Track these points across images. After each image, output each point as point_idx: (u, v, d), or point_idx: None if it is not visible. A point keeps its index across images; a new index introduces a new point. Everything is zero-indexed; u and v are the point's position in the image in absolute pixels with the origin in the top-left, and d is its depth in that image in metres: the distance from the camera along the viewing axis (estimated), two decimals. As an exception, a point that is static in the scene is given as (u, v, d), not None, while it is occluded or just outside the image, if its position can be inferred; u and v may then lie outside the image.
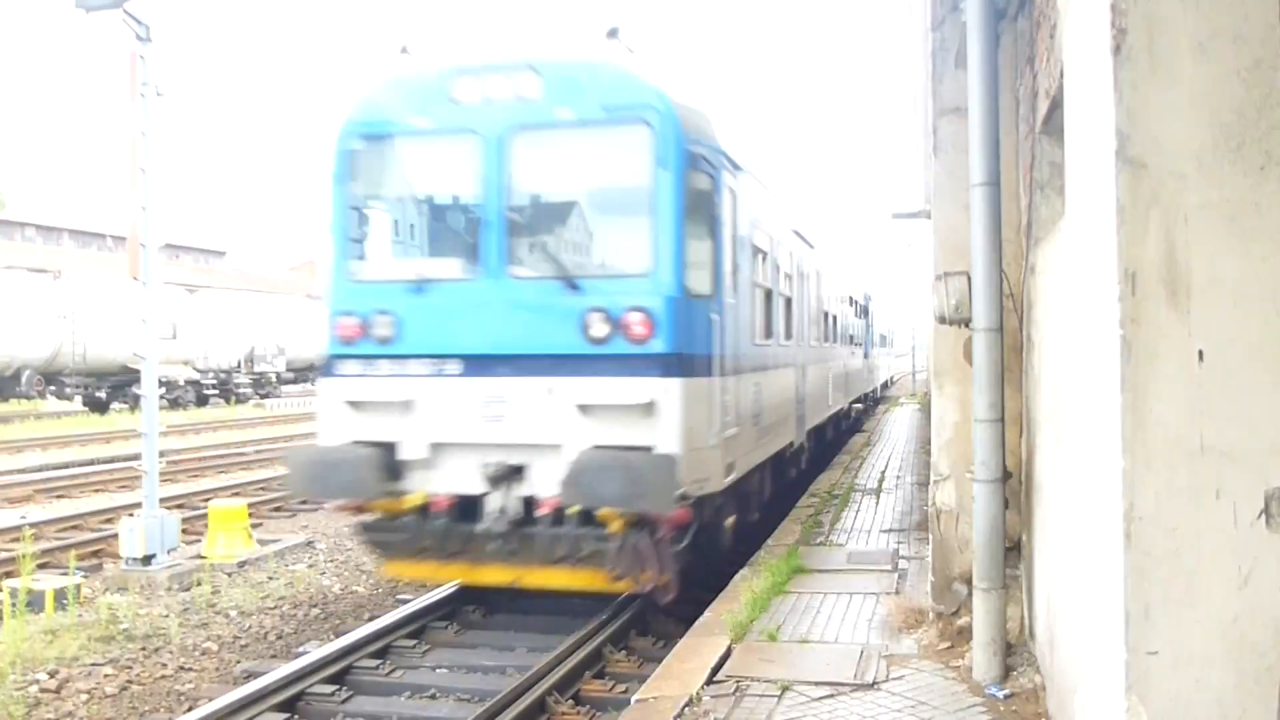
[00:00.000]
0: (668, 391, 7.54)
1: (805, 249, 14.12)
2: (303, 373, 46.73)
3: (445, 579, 8.92)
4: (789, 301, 12.64)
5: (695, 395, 7.84)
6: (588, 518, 7.65)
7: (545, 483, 7.72)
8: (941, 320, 6.96)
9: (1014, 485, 6.82)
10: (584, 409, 7.63)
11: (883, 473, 17.01)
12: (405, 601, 10.31)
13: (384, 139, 8.44)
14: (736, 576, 9.81)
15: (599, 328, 7.65)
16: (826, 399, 17.25)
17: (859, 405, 25.77)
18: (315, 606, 10.60)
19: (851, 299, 21.89)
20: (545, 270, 7.95)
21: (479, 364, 7.87)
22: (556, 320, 7.73)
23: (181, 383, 38.53)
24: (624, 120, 7.77)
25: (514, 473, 7.89)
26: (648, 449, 7.48)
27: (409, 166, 8.65)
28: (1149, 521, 3.48)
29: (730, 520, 9.27)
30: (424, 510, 8.10)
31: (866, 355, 25.93)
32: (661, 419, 7.52)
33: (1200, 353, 3.47)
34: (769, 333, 11.13)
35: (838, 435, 20.95)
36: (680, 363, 7.67)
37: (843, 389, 20.31)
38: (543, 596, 8.85)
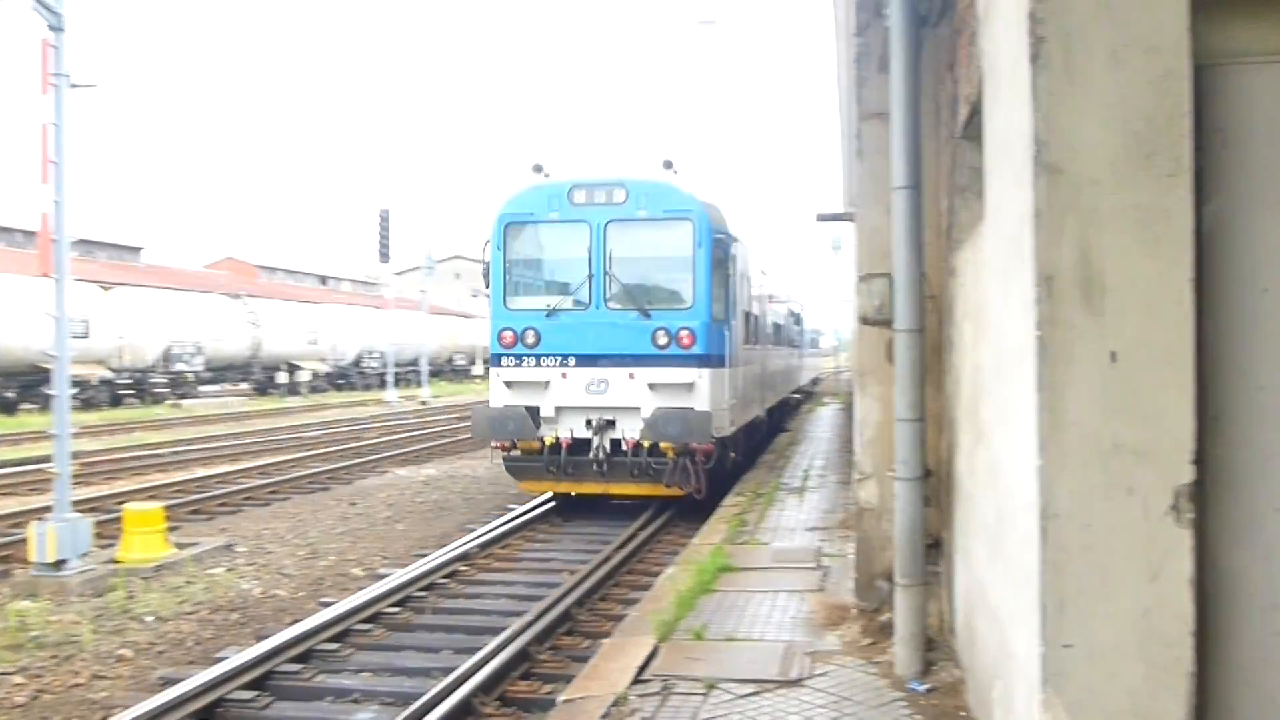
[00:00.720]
0: (701, 376, 12.88)
1: (763, 278, 19.12)
2: (222, 372, 45.82)
3: (563, 491, 13.99)
4: (756, 318, 17.48)
5: (716, 379, 13.14)
6: (653, 450, 12.85)
7: (628, 430, 12.99)
8: (865, 321, 7.06)
9: (935, 483, 6.94)
10: (652, 386, 12.94)
11: (807, 471, 17.18)
12: (329, 604, 10.18)
13: (528, 223, 13.76)
14: (662, 575, 9.86)
15: (661, 339, 12.99)
16: (776, 387, 22.32)
17: (796, 395, 31.98)
18: (235, 611, 10.42)
19: (790, 311, 27.66)
20: (628, 304, 13.30)
21: (588, 360, 13.12)
22: (635, 334, 13.07)
23: (95, 382, 37.57)
24: (676, 217, 13.09)
25: (608, 425, 13.12)
26: (691, 409, 12.68)
27: (544, 240, 13.90)
28: (1064, 518, 3.57)
29: (732, 455, 14.89)
30: (553, 447, 13.18)
31: (801, 355, 32.50)
32: (698, 391, 12.81)
33: (1113, 354, 3.57)
34: (748, 340, 15.92)
35: (780, 419, 25.92)
36: (709, 360, 12.97)
37: (785, 381, 25.99)
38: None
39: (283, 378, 49.23)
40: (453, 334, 70.26)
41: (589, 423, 13.44)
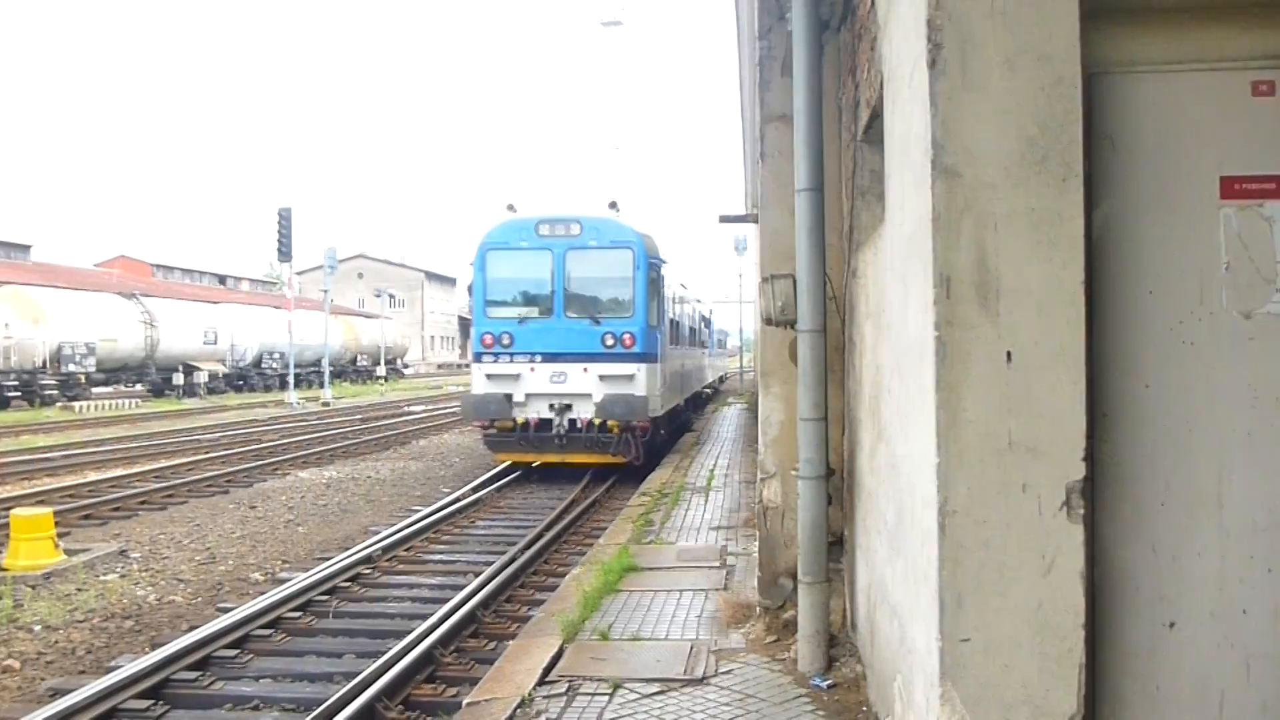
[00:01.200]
0: (640, 369, 16.51)
1: (682, 290, 23.66)
2: (115, 373, 44.44)
3: (530, 460, 17.57)
4: (677, 324, 21.79)
5: (651, 371, 16.74)
6: (602, 427, 16.45)
7: (583, 411, 16.56)
8: (768, 321, 7.11)
9: (837, 482, 7.02)
10: (602, 377, 16.54)
11: (711, 471, 17.28)
12: (227, 609, 9.93)
13: (503, 250, 17.34)
14: (568, 576, 9.82)
15: (609, 340, 16.63)
16: (691, 381, 26.84)
17: (707, 390, 36.78)
18: (129, 618, 10.10)
19: (702, 316, 31.72)
20: (582, 314, 16.99)
21: (551, 357, 16.67)
22: (588, 337, 16.67)
23: (-21, 384, 36.15)
24: (620, 246, 16.83)
25: (567, 408, 16.64)
26: (632, 394, 16.33)
27: (515, 264, 17.34)
28: (962, 514, 3.63)
29: (662, 432, 19.15)
30: (523, 426, 16.78)
31: (710, 355, 37.44)
32: (637, 381, 16.43)
33: (1009, 354, 3.64)
34: (673, 342, 20.30)
35: (693, 408, 29.98)
36: (645, 357, 16.59)
37: (699, 377, 30.04)
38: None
39: (179, 379, 47.94)
40: (356, 334, 69.22)
41: (551, 406, 17.44)
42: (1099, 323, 3.83)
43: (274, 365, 56.04)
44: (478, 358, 17.70)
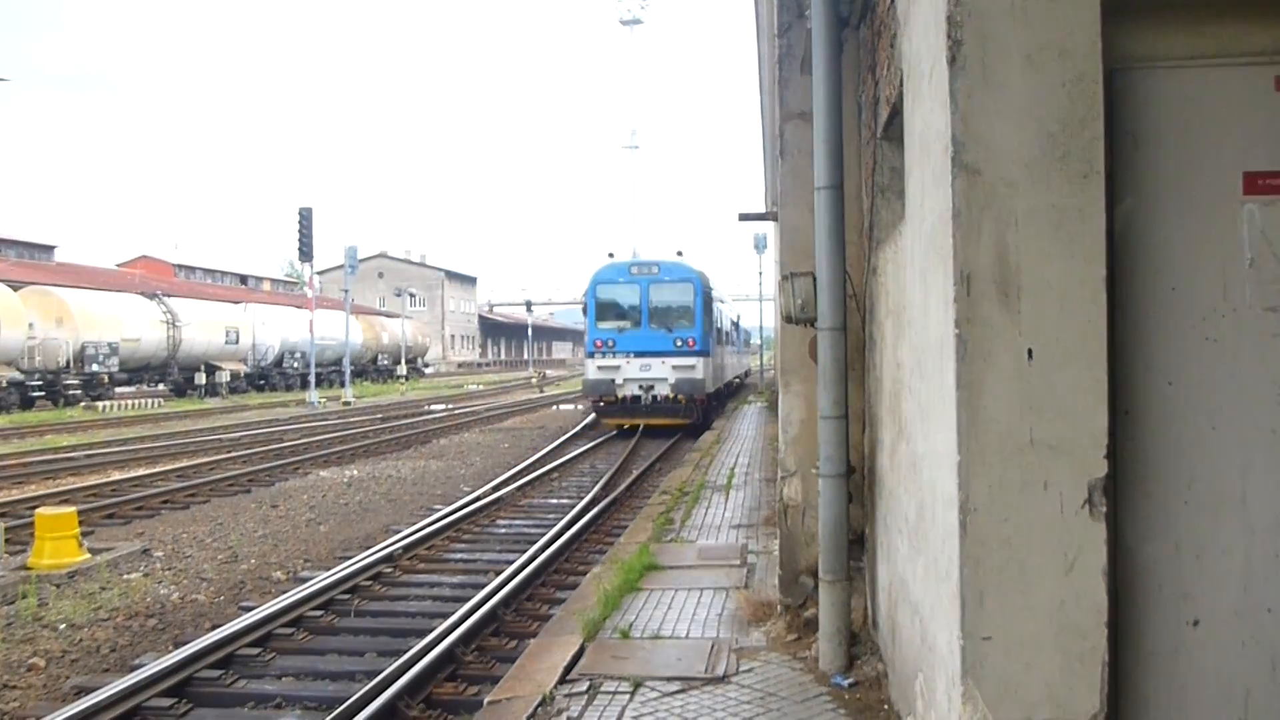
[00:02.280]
0: (699, 361, 26.26)
1: (721, 305, 32.30)
2: (138, 373, 44.77)
3: (625, 423, 26.23)
4: (720, 330, 30.87)
5: (705, 362, 26.41)
6: (674, 400, 26.08)
7: (661, 390, 26.12)
8: (789, 319, 7.11)
9: (858, 480, 7.01)
10: (674, 367, 26.17)
11: (732, 470, 17.29)
12: (249, 608, 10.00)
13: (608, 283, 27.10)
14: (588, 575, 9.84)
15: (678, 343, 26.37)
16: (728, 370, 36.11)
17: (736, 379, 44.29)
18: (152, 617, 10.18)
19: (732, 321, 40.11)
20: (660, 325, 26.77)
21: (640, 354, 26.24)
22: (664, 341, 26.48)
23: (4, 384, 36.49)
24: (685, 280, 26.95)
25: (650, 387, 26.14)
26: (695, 378, 26.15)
27: (616, 293, 26.99)
28: (983, 512, 3.63)
29: (713, 403, 28.90)
30: (622, 400, 26.21)
31: (738, 352, 44.96)
32: (697, 369, 26.12)
33: (1029, 351, 3.63)
34: (719, 342, 29.50)
35: (729, 392, 38.60)
36: (702, 353, 26.36)
37: (732, 367, 39.10)
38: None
39: (201, 378, 48.25)
40: (376, 334, 69.52)
41: (640, 386, 27.00)
42: (1121, 319, 3.82)
43: (295, 365, 56.32)
44: (590, 355, 27.72)
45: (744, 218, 16.22)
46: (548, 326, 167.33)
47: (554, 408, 42.28)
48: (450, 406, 42.31)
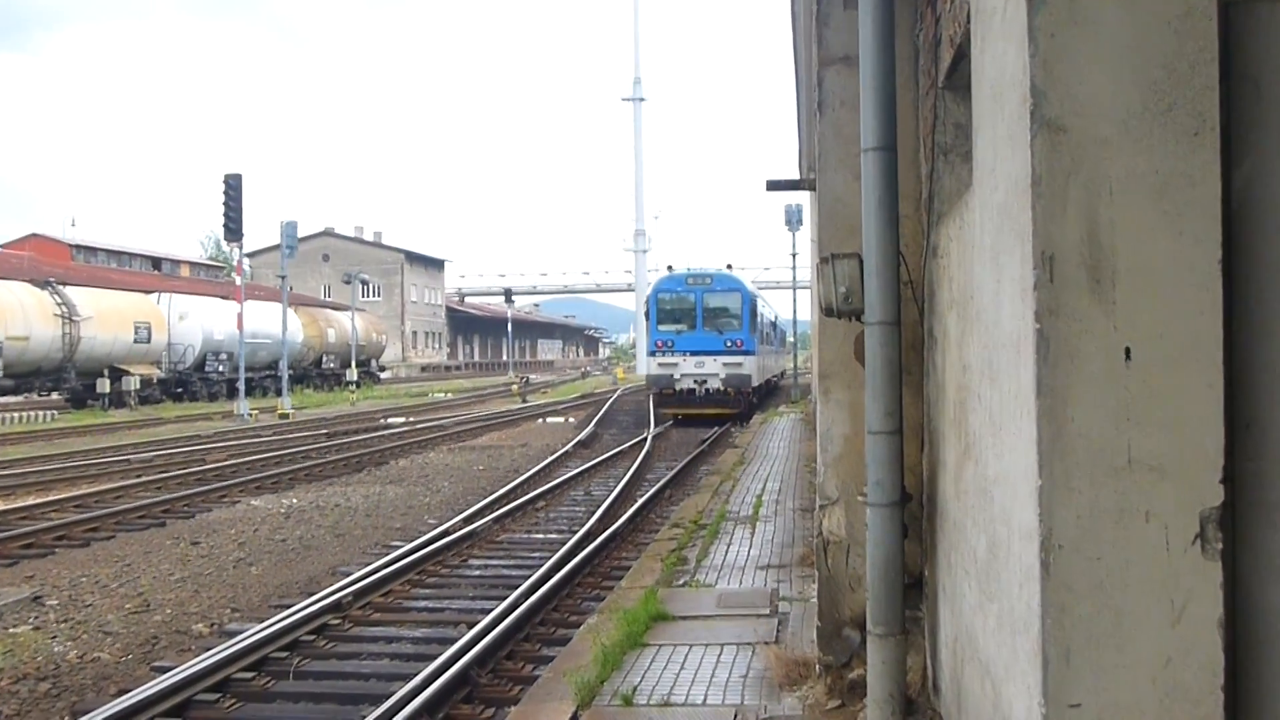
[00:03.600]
0: (746, 359, 40.66)
1: (763, 309, 46.97)
2: (25, 380, 44.78)
3: (680, 413, 40.12)
4: (763, 331, 45.68)
5: (751, 361, 41.02)
6: (724, 393, 40.19)
7: (713, 384, 40.15)
8: (829, 312, 7.10)
9: (914, 509, 7.00)
10: (725, 364, 40.36)
11: (759, 497, 17.30)
12: (164, 669, 10.00)
13: (667, 293, 42.20)
14: (582, 627, 9.85)
15: (728, 344, 40.71)
16: (769, 368, 49.38)
17: (775, 377, 57.16)
18: (44, 680, 10.19)
19: (771, 321, 52.68)
20: (713, 329, 41.16)
21: (695, 353, 40.24)
22: (716, 342, 40.80)
23: None
24: (734, 290, 42.08)
25: (704, 381, 40.19)
26: (743, 373, 40.72)
27: (674, 301, 41.72)
28: (1070, 550, 3.62)
29: (756, 399, 44.05)
30: (678, 391, 40.27)
31: (776, 352, 57.43)
32: (745, 366, 40.55)
33: (1127, 350, 3.62)
34: (763, 342, 45.56)
35: (766, 394, 51.23)
36: (749, 352, 40.85)
37: (772, 366, 52.08)
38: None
39: (105, 386, 48.31)
40: (320, 330, 69.61)
41: (695, 381, 39.32)
42: (1240, 311, 3.80)
43: (221, 368, 56.42)
44: (651, 353, 40.97)
45: (773, 186, 16.24)
46: (532, 321, 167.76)
47: (540, 421, 42.42)
48: (412, 420, 42.39)
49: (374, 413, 46.56)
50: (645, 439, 30.68)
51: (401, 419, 42.80)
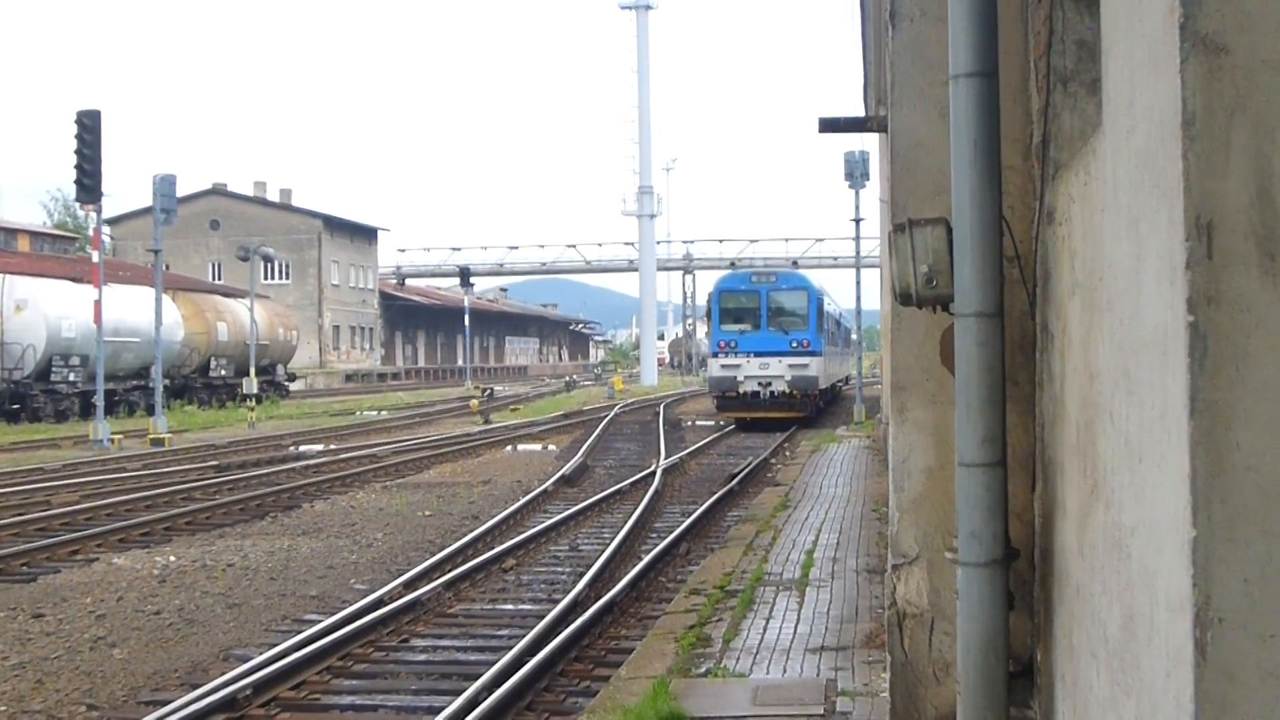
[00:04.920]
0: (812, 360, 54.14)
1: (831, 303, 64.28)
2: None
3: (745, 416, 54.27)
4: (829, 331, 60.87)
5: (818, 361, 54.95)
6: (789, 395, 53.81)
7: (778, 386, 53.54)
8: (905, 299, 7.08)
9: (1023, 570, 7.01)
10: (790, 366, 53.72)
11: (809, 551, 17.30)
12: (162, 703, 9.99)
13: (730, 291, 56.87)
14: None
15: (794, 344, 54.26)
16: (835, 369, 65.34)
17: (840, 382, 70.53)
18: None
19: (835, 320, 64.43)
20: (778, 328, 55.00)
21: (759, 354, 53.71)
22: (781, 342, 54.53)
23: None
24: (800, 288, 56.73)
25: (768, 384, 53.57)
26: (809, 375, 54.28)
27: (738, 299, 56.18)
28: (1233, 625, 3.62)
29: (821, 402, 60.46)
30: (742, 395, 54.13)
31: (843, 352, 70.60)
32: (811, 367, 54.06)
33: (1314, 351, 3.62)
34: (829, 343, 60.19)
35: (832, 394, 66.29)
36: (815, 353, 54.52)
37: (838, 368, 67.53)
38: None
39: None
40: (208, 324, 69.52)
41: (759, 383, 52.26)
42: None
43: (72, 377, 56.38)
44: (714, 355, 53.20)
45: (828, 127, 16.24)
46: (498, 311, 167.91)
47: (509, 448, 42.42)
48: (333, 447, 42.37)
49: (281, 438, 46.47)
50: (653, 473, 30.52)
51: (318, 446, 42.74)
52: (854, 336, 68.07)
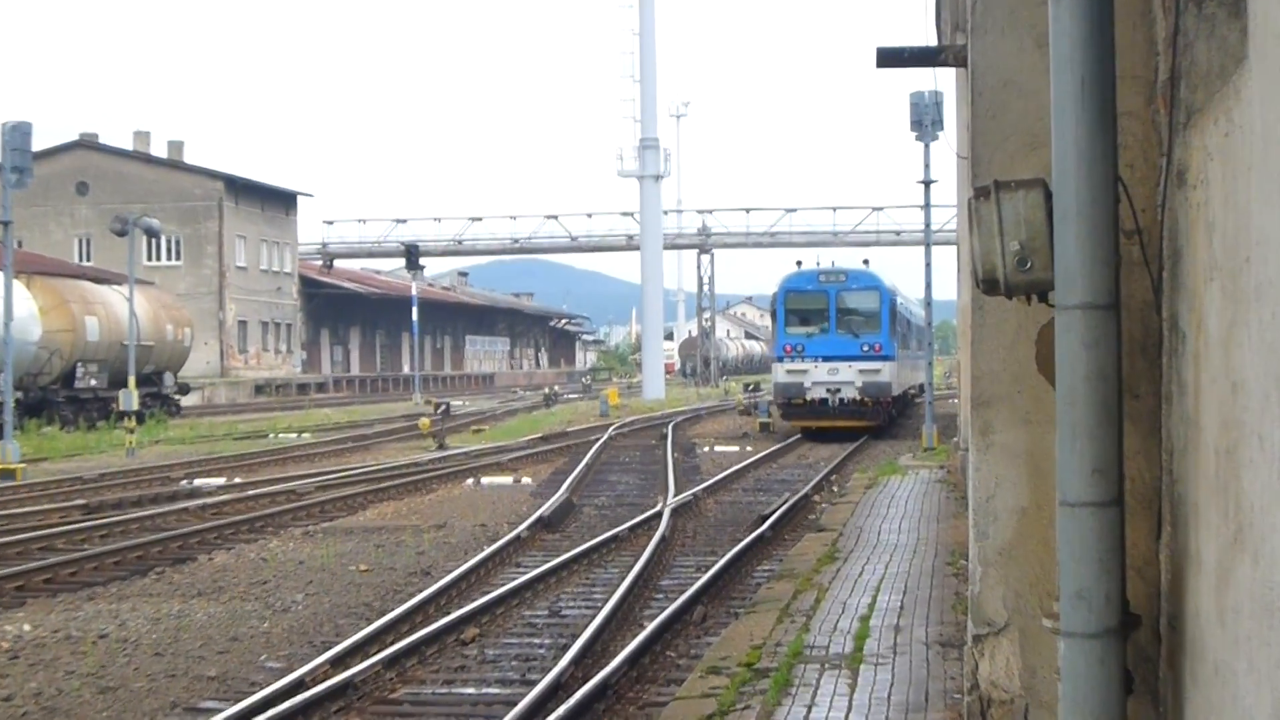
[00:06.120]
0: (885, 365, 67.73)
1: (904, 302, 79.05)
2: None
3: (812, 425, 66.40)
4: (902, 333, 74.95)
5: (891, 366, 68.64)
6: (861, 403, 66.52)
7: (848, 393, 66.15)
8: (991, 286, 7.08)
9: (1144, 642, 7.02)
10: (861, 371, 66.71)
11: (863, 619, 17.30)
12: None
13: (797, 292, 70.00)
14: None
15: (865, 348, 67.40)
16: (908, 375, 77.12)
17: (912, 390, 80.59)
18: None
19: (906, 319, 75.36)
20: (848, 331, 68.45)
21: (828, 358, 66.82)
22: (852, 346, 67.91)
23: None
24: (872, 288, 69.92)
25: (837, 391, 66.18)
26: (882, 381, 67.86)
27: (804, 300, 69.71)
28: None
29: (894, 411, 73.52)
30: (809, 402, 66.89)
31: (916, 357, 75.72)
32: (884, 373, 67.46)
33: None
34: (902, 346, 74.80)
35: (904, 401, 78.68)
36: (888, 358, 68.41)
37: (911, 374, 77.72)
38: None
39: None
40: (73, 319, 69.47)
41: (827, 389, 64.11)
42: None
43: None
44: (779, 359, 65.73)
45: (889, 59, 16.28)
46: (455, 302, 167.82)
47: (470, 482, 42.36)
48: (239, 481, 42.40)
49: (169, 468, 46.36)
50: (659, 514, 30.47)
51: (219, 480, 42.71)
52: (926, 337, 72.80)
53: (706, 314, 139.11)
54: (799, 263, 72.31)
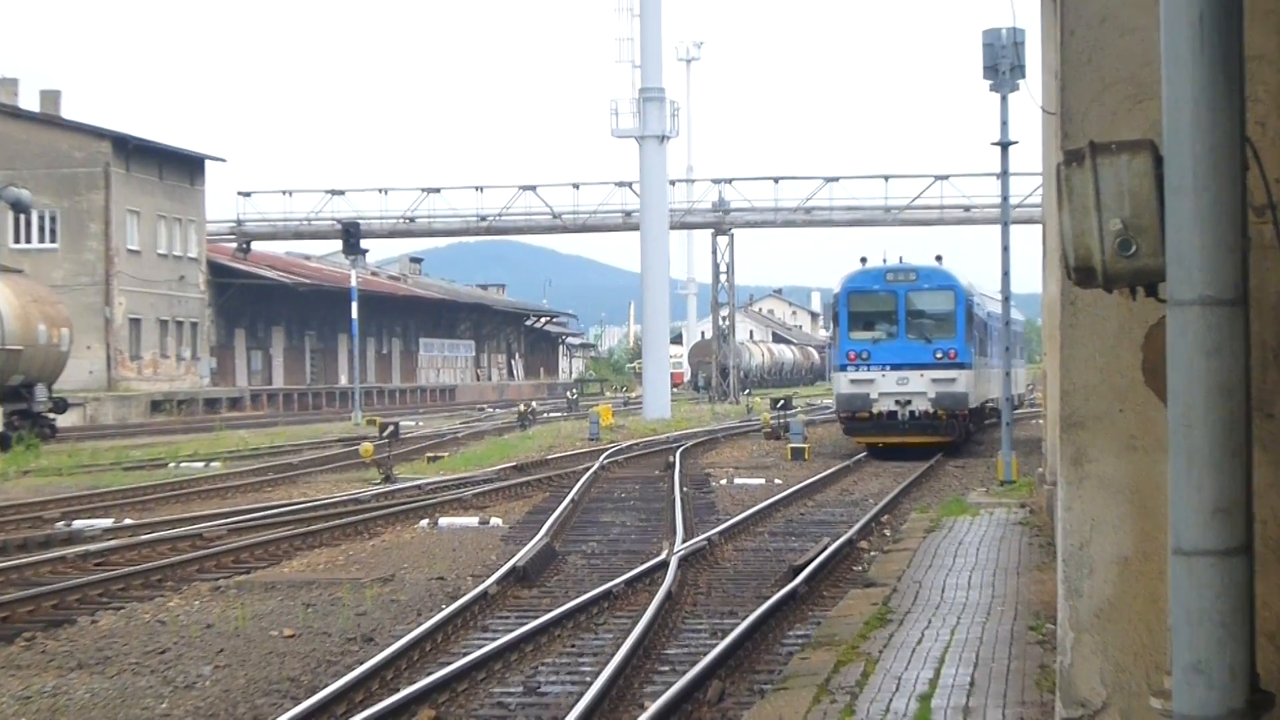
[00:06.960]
0: (961, 374, 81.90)
1: (981, 303, 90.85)
2: None
3: (879, 442, 79.89)
4: (980, 338, 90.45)
5: (968, 375, 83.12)
6: (934, 416, 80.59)
7: (919, 405, 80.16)
8: (1086, 276, 7.09)
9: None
10: (934, 381, 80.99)
11: (924, 699, 17.33)
12: None
13: (861, 293, 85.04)
14: None
15: (938, 355, 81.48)
16: (985, 384, 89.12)
17: (990, 403, 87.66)
18: None
19: (983, 322, 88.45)
20: (919, 336, 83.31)
21: (896, 366, 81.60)
22: (923, 353, 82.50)
23: None
24: (945, 288, 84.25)
25: (907, 403, 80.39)
26: (957, 392, 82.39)
27: (870, 301, 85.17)
28: None
29: (970, 424, 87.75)
30: (875, 415, 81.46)
31: (994, 364, 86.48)
32: (959, 383, 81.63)
33: None
34: (980, 353, 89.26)
35: (981, 414, 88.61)
36: (964, 366, 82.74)
37: (990, 384, 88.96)
38: None
39: None
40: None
41: (896, 401, 75.48)
42: None
43: None
44: (842, 368, 77.39)
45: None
46: (406, 295, 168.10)
47: (425, 523, 42.39)
48: (131, 522, 42.45)
49: (42, 505, 46.52)
50: (664, 563, 30.46)
51: (106, 521, 42.79)
52: (1004, 340, 79.25)
53: (724, 311, 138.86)
54: (863, 259, 78.88)
